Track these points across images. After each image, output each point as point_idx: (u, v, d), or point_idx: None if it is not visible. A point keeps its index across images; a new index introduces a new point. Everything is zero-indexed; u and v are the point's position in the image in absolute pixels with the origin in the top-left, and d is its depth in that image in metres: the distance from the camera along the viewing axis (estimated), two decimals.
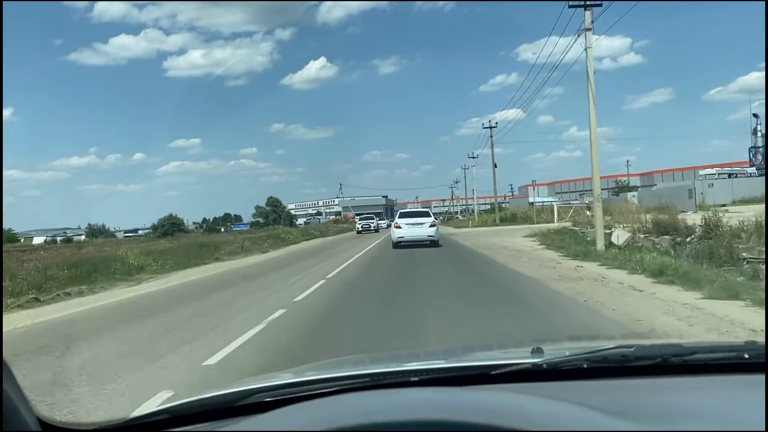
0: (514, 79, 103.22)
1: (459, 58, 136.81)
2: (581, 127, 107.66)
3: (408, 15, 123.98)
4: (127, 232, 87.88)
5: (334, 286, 10.87)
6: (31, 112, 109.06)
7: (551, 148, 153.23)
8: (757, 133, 49.88)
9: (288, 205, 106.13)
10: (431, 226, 21.42)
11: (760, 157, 45.68)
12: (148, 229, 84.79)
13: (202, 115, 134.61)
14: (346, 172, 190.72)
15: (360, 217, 57.31)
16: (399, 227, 21.24)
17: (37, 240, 65.66)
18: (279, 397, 1.28)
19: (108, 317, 8.74)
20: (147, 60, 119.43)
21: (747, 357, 1.37)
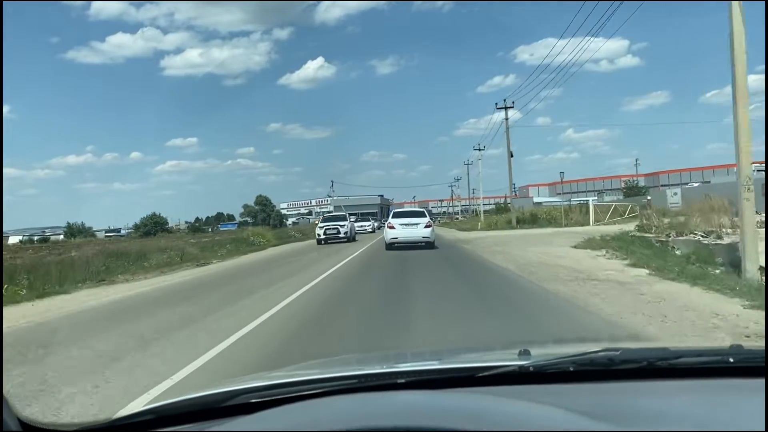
0: (511, 81, 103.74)
1: (457, 59, 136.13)
2: (578, 129, 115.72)
3: (406, 15, 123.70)
4: (108, 232, 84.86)
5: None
6: (27, 110, 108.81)
7: (549, 149, 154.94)
8: None
9: (280, 204, 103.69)
10: (426, 226, 20.31)
11: None
12: (130, 229, 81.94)
13: (199, 114, 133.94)
14: (344, 173, 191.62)
15: (329, 216, 34.69)
16: (392, 228, 20.09)
17: (13, 240, 61.84)
18: (266, 398, 1.28)
19: None
20: (144, 59, 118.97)
21: (732, 361, 1.37)
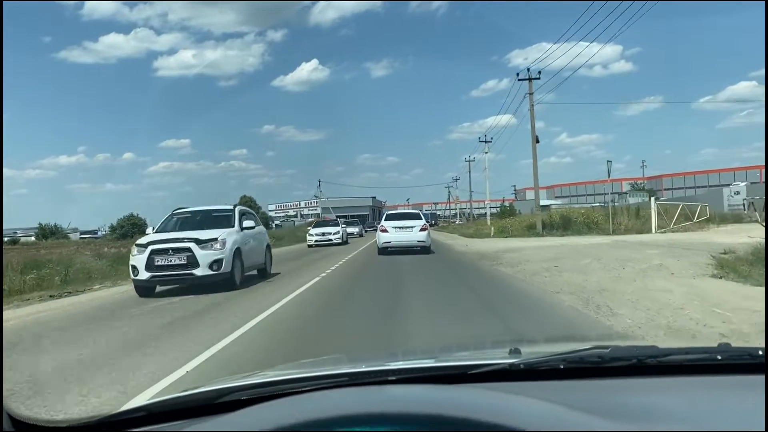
0: (505, 85, 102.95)
1: (451, 63, 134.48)
2: (571, 134, 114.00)
3: (401, 18, 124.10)
4: (84, 233, 78.72)
5: None
6: (19, 110, 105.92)
7: (542, 153, 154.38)
8: None
9: (268, 206, 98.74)
10: (422, 230, 18.57)
11: None
12: (106, 231, 75.15)
13: (192, 115, 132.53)
14: (337, 175, 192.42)
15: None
16: (386, 231, 18.62)
17: None
18: (256, 396, 1.28)
19: None
20: (137, 59, 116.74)
21: (720, 358, 1.38)
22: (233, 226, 11.11)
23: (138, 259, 10.06)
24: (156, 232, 11.12)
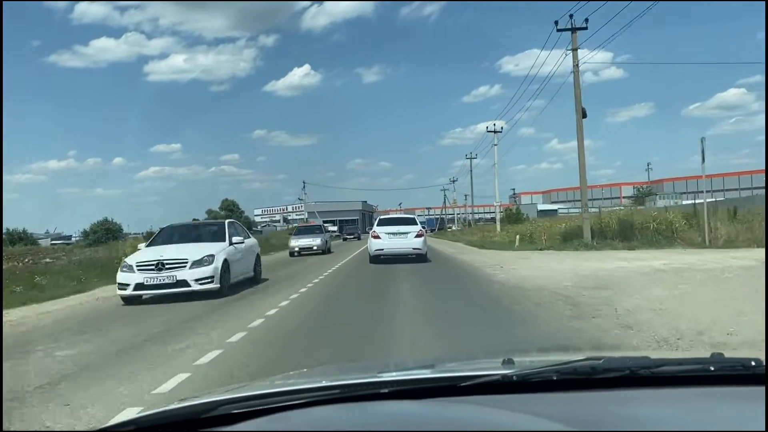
0: (496, 91, 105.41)
1: (442, 69, 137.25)
2: (562, 140, 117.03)
3: (392, 24, 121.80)
4: (55, 239, 76.55)
5: None
6: (8, 114, 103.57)
7: (533, 159, 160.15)
8: None
9: (254, 210, 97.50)
10: (418, 236, 17.52)
11: None
12: (79, 237, 73.02)
13: (183, 120, 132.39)
14: (328, 180, 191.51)
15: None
16: (378, 237, 17.50)
17: None
18: (247, 409, 1.25)
19: None
20: (128, 63, 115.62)
21: (712, 369, 1.37)
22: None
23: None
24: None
